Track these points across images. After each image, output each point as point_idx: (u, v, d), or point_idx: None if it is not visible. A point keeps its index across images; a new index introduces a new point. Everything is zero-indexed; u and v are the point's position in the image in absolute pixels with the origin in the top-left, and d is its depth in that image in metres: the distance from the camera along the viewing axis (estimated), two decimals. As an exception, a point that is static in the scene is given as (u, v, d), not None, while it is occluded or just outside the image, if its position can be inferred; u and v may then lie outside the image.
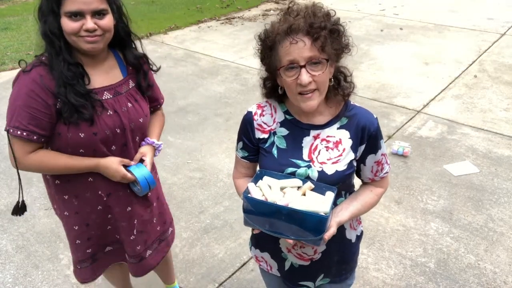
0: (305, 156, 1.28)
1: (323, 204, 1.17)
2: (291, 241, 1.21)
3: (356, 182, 1.42)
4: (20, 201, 1.68)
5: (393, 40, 6.21)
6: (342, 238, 1.40)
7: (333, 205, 1.18)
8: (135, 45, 1.61)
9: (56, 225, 2.91)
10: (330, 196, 1.20)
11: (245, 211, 1.23)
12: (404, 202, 3.01)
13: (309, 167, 1.26)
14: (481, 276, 2.41)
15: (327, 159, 1.27)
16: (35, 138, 1.43)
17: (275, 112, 1.34)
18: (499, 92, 4.54)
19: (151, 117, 1.74)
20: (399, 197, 3.05)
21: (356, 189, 1.43)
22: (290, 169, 1.27)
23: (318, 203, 1.17)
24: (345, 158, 1.27)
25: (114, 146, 1.55)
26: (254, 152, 1.38)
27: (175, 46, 6.36)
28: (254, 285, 2.40)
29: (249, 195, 1.22)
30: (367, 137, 1.28)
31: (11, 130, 1.42)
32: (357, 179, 1.42)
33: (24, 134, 1.41)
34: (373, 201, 1.38)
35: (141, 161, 1.63)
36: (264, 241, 1.46)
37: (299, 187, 1.24)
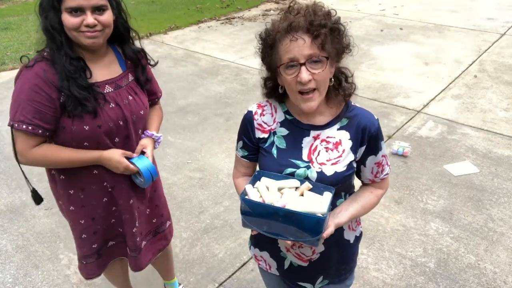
0: (304, 157, 1.28)
1: (320, 204, 1.17)
2: (289, 242, 1.21)
3: (356, 183, 1.41)
4: (31, 190, 1.74)
5: (393, 40, 6.21)
6: (341, 239, 1.40)
7: (330, 205, 1.18)
8: (132, 40, 1.64)
9: (56, 225, 2.91)
10: (328, 196, 1.19)
11: (242, 212, 1.23)
12: (404, 202, 3.01)
13: (308, 167, 1.26)
14: (481, 276, 2.41)
15: (327, 160, 1.26)
16: (40, 132, 1.45)
17: (276, 112, 1.34)
18: (499, 92, 4.54)
19: (149, 110, 1.77)
20: (399, 197, 3.05)
21: (356, 190, 1.42)
22: (289, 170, 1.27)
23: (315, 204, 1.17)
24: (345, 159, 1.26)
25: (117, 138, 1.59)
26: (254, 151, 1.38)
27: (175, 46, 6.36)
28: (254, 285, 2.40)
29: (247, 197, 1.22)
30: (368, 138, 1.27)
31: (15, 125, 1.43)
32: (357, 180, 1.41)
33: (30, 128, 1.43)
34: (373, 202, 1.37)
35: (142, 153, 1.65)
36: (263, 241, 1.46)
37: (297, 188, 1.23)
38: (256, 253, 1.53)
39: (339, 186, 1.26)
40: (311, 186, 1.22)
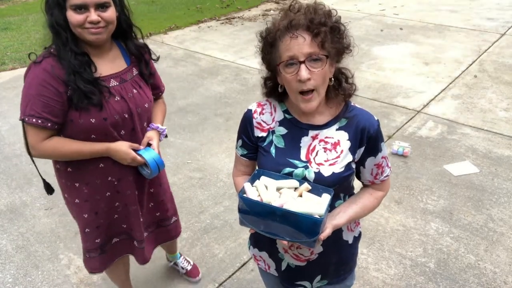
0: (302, 157, 1.27)
1: (318, 206, 1.16)
2: (286, 242, 1.20)
3: (356, 184, 1.41)
4: (43, 180, 1.80)
5: (393, 40, 6.21)
6: (339, 240, 1.39)
7: (329, 207, 1.17)
8: (135, 36, 1.70)
9: (56, 225, 2.91)
10: (326, 198, 1.19)
11: (240, 211, 1.23)
12: (404, 202, 3.00)
13: (306, 167, 1.26)
14: (481, 276, 2.40)
15: (325, 161, 1.25)
16: (49, 125, 1.51)
17: (275, 111, 1.33)
18: (499, 92, 4.54)
19: (153, 104, 1.82)
20: (399, 197, 3.05)
21: (356, 191, 1.41)
22: (287, 169, 1.27)
23: (313, 205, 1.16)
24: (343, 160, 1.26)
25: (123, 131, 1.64)
26: (253, 150, 1.38)
27: (175, 46, 6.36)
28: (254, 285, 2.39)
29: (245, 195, 1.21)
30: (367, 139, 1.26)
31: (26, 119, 1.49)
32: (357, 181, 1.41)
33: (39, 121, 1.49)
34: (372, 204, 1.36)
35: (149, 145, 1.71)
36: (262, 241, 1.46)
37: (296, 188, 1.23)
38: (255, 253, 1.52)
39: (337, 187, 1.25)
40: (310, 187, 1.21)
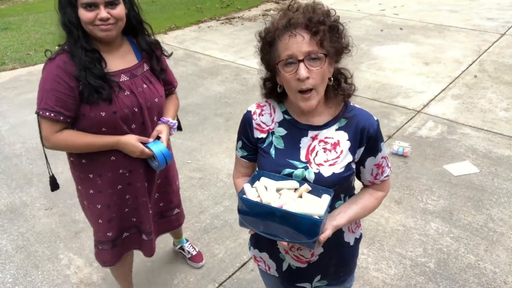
0: (302, 157, 1.27)
1: (318, 207, 1.15)
2: (285, 243, 1.20)
3: (357, 184, 1.41)
4: (50, 175, 1.87)
5: (393, 40, 6.21)
6: (340, 241, 1.39)
7: (329, 208, 1.17)
8: (147, 32, 1.75)
9: (56, 225, 2.91)
10: (326, 199, 1.18)
11: (240, 211, 1.22)
12: (404, 202, 3.00)
13: (306, 168, 1.25)
14: (481, 276, 2.40)
15: (324, 161, 1.25)
16: (61, 118, 1.59)
17: (274, 112, 1.33)
18: (499, 92, 4.54)
19: (166, 100, 1.88)
20: (399, 197, 3.05)
21: (356, 192, 1.41)
22: (287, 170, 1.26)
23: (313, 206, 1.16)
24: (343, 160, 1.25)
25: (134, 124, 1.70)
26: (253, 151, 1.38)
27: (175, 46, 6.36)
28: (254, 285, 2.39)
29: (244, 196, 1.21)
30: (367, 139, 1.26)
31: (40, 112, 1.58)
32: (358, 182, 1.40)
33: (52, 115, 1.57)
34: (372, 205, 1.35)
35: (158, 138, 1.75)
36: (262, 242, 1.45)
37: (296, 189, 1.22)
38: (255, 254, 1.52)
39: (337, 188, 1.25)
40: (310, 188, 1.21)
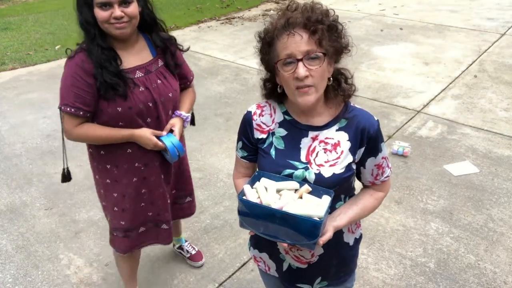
0: (302, 158, 1.27)
1: (318, 208, 1.15)
2: (286, 244, 1.20)
3: (357, 185, 1.41)
4: (65, 168, 1.95)
5: (393, 40, 6.21)
6: (340, 242, 1.39)
7: (329, 209, 1.16)
8: (162, 29, 1.82)
9: (56, 225, 2.91)
10: (327, 200, 1.18)
11: (240, 213, 1.22)
12: (404, 202, 3.00)
13: (306, 169, 1.25)
14: (481, 276, 2.40)
15: (325, 162, 1.25)
16: (81, 113, 1.68)
17: (274, 112, 1.33)
18: (499, 92, 4.54)
19: (181, 93, 1.95)
20: (399, 197, 3.05)
21: (356, 192, 1.41)
22: (288, 171, 1.26)
23: (313, 207, 1.16)
24: (343, 160, 1.25)
25: (149, 119, 1.77)
26: (253, 152, 1.38)
27: (175, 46, 6.35)
28: (254, 285, 2.39)
29: (244, 197, 1.21)
30: (367, 139, 1.26)
31: (62, 108, 1.68)
32: (358, 183, 1.40)
33: (72, 110, 1.67)
34: (373, 205, 1.35)
35: (171, 131, 1.82)
36: (262, 242, 1.45)
37: (296, 190, 1.22)
38: (255, 254, 1.52)
39: (338, 188, 1.25)
40: (310, 189, 1.21)
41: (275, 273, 1.48)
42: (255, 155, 1.38)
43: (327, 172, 1.24)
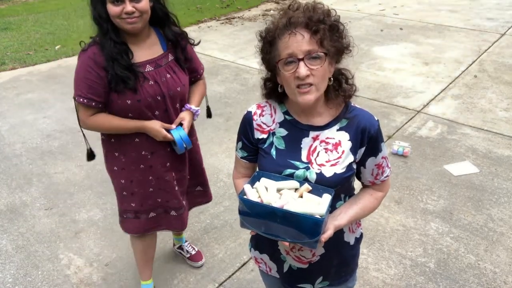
0: (303, 158, 1.27)
1: (319, 206, 1.15)
2: (287, 243, 1.20)
3: (356, 185, 1.41)
4: (88, 148, 2.01)
5: (393, 40, 6.21)
6: (341, 241, 1.39)
7: (329, 207, 1.17)
8: (175, 23, 1.86)
9: (56, 225, 2.91)
10: (327, 198, 1.18)
11: (240, 212, 1.22)
12: (404, 202, 3.01)
13: (307, 169, 1.25)
14: (481, 276, 2.41)
15: (326, 161, 1.25)
16: (93, 104, 1.75)
17: (275, 112, 1.33)
18: (499, 92, 4.54)
19: (192, 86, 2.02)
20: (399, 197, 3.05)
21: (356, 192, 1.41)
22: (288, 171, 1.26)
23: (314, 205, 1.16)
24: (344, 160, 1.25)
25: (157, 111, 1.83)
26: (253, 152, 1.38)
27: (175, 46, 6.35)
28: (254, 285, 2.39)
29: (245, 197, 1.21)
30: (367, 139, 1.26)
31: (76, 98, 1.76)
32: (357, 182, 1.40)
33: (85, 101, 1.74)
34: (373, 205, 1.36)
35: (181, 124, 1.88)
36: (263, 243, 1.45)
37: (296, 189, 1.22)
38: (256, 255, 1.52)
39: (338, 188, 1.25)
40: (310, 188, 1.21)
41: (276, 274, 1.48)
42: (255, 155, 1.38)
43: (328, 172, 1.24)
